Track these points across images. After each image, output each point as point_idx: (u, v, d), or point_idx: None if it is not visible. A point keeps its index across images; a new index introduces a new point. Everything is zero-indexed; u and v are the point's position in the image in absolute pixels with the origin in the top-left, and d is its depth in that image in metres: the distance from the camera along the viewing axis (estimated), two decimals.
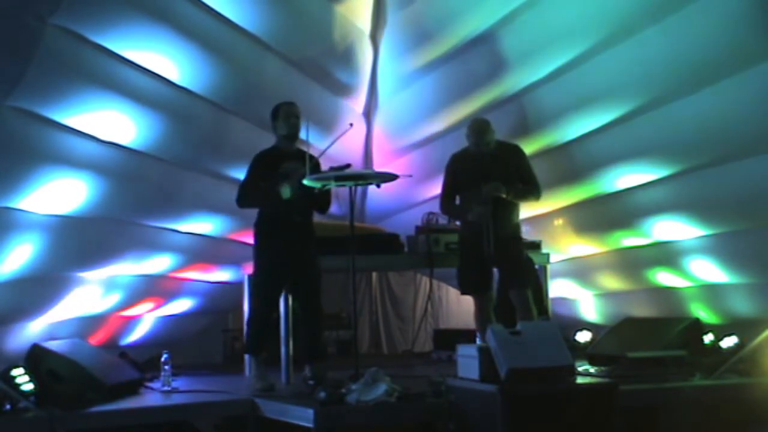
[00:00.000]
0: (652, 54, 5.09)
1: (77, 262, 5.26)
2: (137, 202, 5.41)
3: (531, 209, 6.07)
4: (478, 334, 5.55)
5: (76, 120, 4.67)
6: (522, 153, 5.53)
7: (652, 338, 5.57)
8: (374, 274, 8.61)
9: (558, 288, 6.73)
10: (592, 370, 5.17)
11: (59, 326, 5.36)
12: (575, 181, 6.12)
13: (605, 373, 4.97)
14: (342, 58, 6.65)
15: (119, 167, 5.09)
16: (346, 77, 6.79)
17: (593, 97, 5.61)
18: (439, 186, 5.67)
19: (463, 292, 5.66)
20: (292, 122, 5.18)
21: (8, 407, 4.14)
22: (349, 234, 4.94)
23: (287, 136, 5.20)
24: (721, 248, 5.58)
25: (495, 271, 5.51)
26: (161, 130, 5.22)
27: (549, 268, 6.23)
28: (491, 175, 5.29)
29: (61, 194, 4.79)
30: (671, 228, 5.76)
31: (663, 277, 6.17)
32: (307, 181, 4.84)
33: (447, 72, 6.49)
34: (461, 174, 5.50)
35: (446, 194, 5.58)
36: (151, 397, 4.84)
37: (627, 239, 6.18)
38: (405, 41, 6.74)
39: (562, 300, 6.98)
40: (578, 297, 7.02)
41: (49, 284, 5.14)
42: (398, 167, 6.28)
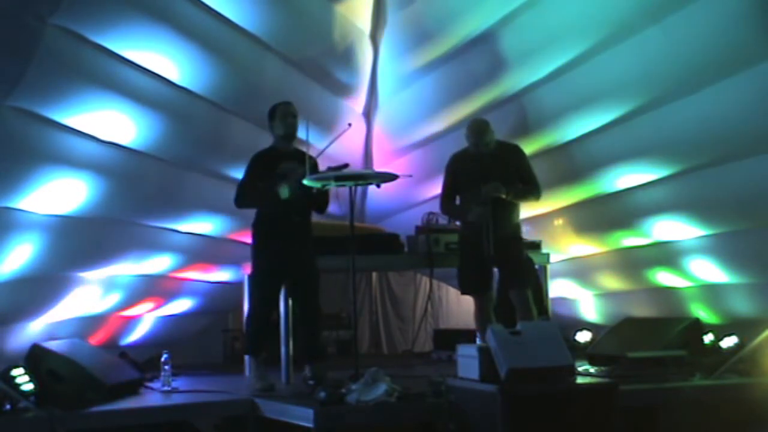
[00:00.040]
0: (652, 54, 5.09)
1: (77, 262, 5.26)
2: (137, 202, 5.41)
3: (531, 209, 6.07)
4: (478, 334, 5.55)
5: (76, 120, 4.67)
6: (522, 153, 5.53)
7: (652, 338, 5.57)
8: (374, 274, 8.60)
9: (558, 288, 6.72)
10: (592, 370, 5.17)
11: (59, 326, 5.36)
12: (575, 181, 6.12)
13: (605, 373, 4.97)
14: (342, 58, 6.65)
15: (119, 167, 5.09)
16: (346, 77, 6.79)
17: (593, 97, 5.61)
18: (439, 186, 5.67)
19: (464, 292, 5.66)
20: (289, 122, 5.17)
21: (8, 407, 4.14)
22: (349, 234, 4.94)
23: (284, 136, 5.19)
24: (721, 248, 5.58)
25: (495, 271, 5.52)
26: (161, 130, 5.22)
27: (549, 268, 6.23)
28: (491, 176, 5.29)
29: (61, 194, 4.78)
30: (671, 228, 5.76)
31: (663, 277, 6.17)
32: (307, 181, 4.84)
33: (447, 72, 6.49)
34: (461, 174, 5.50)
35: (446, 194, 5.58)
36: (151, 397, 4.84)
37: (627, 239, 6.18)
38: (405, 41, 6.74)
39: (562, 300, 6.97)
40: (578, 297, 7.02)
41: (49, 284, 5.14)
42: (398, 167, 6.28)
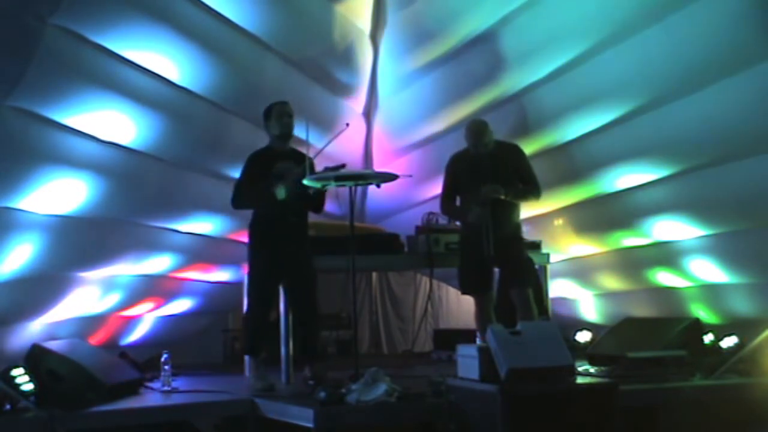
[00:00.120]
0: (653, 54, 5.09)
1: (77, 262, 5.26)
2: (137, 202, 5.41)
3: (531, 209, 6.07)
4: (478, 334, 5.55)
5: (76, 120, 4.67)
6: (521, 153, 5.53)
7: (652, 338, 5.56)
8: (374, 274, 8.60)
9: (558, 288, 6.72)
10: (592, 370, 5.17)
11: (59, 326, 5.36)
12: (575, 181, 6.12)
13: (605, 373, 4.97)
14: (342, 58, 6.65)
15: (119, 167, 5.09)
16: (346, 77, 6.79)
17: (593, 97, 5.61)
18: (439, 186, 5.67)
19: (464, 292, 5.65)
20: (285, 122, 5.17)
21: (8, 407, 4.14)
22: (349, 234, 4.94)
23: (280, 136, 5.19)
24: (721, 248, 5.58)
25: (495, 271, 5.52)
26: (161, 130, 5.22)
27: (549, 268, 6.22)
28: (490, 176, 5.29)
29: (61, 194, 4.78)
30: (671, 228, 5.76)
31: (663, 277, 6.17)
32: (307, 181, 4.84)
33: (447, 72, 6.49)
34: (461, 175, 5.50)
35: (446, 195, 5.58)
36: (151, 397, 4.84)
37: (627, 239, 6.18)
38: (405, 41, 6.74)
39: (562, 300, 6.97)
40: (578, 297, 7.01)
41: (49, 284, 5.14)
42: (398, 167, 6.28)
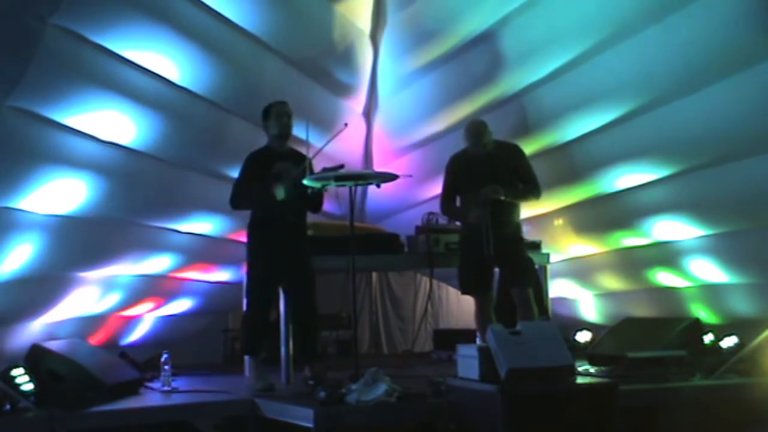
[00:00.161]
0: (653, 54, 5.09)
1: (77, 262, 5.26)
2: (137, 202, 5.41)
3: (531, 209, 6.07)
4: (478, 334, 5.55)
5: (76, 120, 4.67)
6: (521, 152, 5.53)
7: (652, 338, 5.56)
8: (374, 274, 8.60)
9: (558, 288, 6.72)
10: (592, 370, 5.16)
11: (59, 326, 5.35)
12: (575, 181, 6.12)
13: (605, 373, 4.97)
14: (342, 58, 6.65)
15: (119, 167, 5.09)
16: (346, 77, 6.79)
17: (593, 97, 5.61)
18: (439, 186, 5.67)
19: (464, 292, 5.66)
20: (284, 122, 5.16)
21: (8, 407, 4.14)
22: (349, 234, 4.94)
23: (279, 136, 5.18)
24: (721, 248, 5.58)
25: (495, 271, 5.52)
26: (161, 130, 5.22)
27: (549, 268, 6.22)
28: (490, 177, 5.29)
29: (61, 194, 4.78)
30: (671, 228, 5.76)
31: (663, 277, 6.16)
32: (308, 182, 4.84)
33: (447, 72, 6.49)
34: (460, 175, 5.50)
35: (446, 195, 5.58)
36: (151, 397, 4.84)
37: (627, 239, 6.17)
38: (405, 41, 6.74)
39: (562, 300, 6.97)
40: (578, 297, 7.01)
41: (49, 284, 5.13)
42: (398, 167, 6.27)
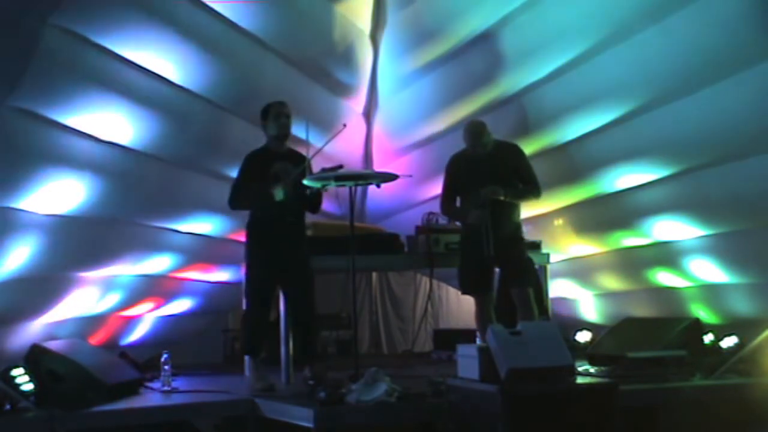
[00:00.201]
0: (652, 54, 5.09)
1: (77, 262, 5.26)
2: (137, 202, 5.41)
3: (531, 209, 6.07)
4: (478, 334, 5.55)
5: (76, 120, 4.67)
6: (521, 152, 5.52)
7: (652, 338, 5.57)
8: (374, 274, 8.60)
9: (558, 288, 6.72)
10: (592, 370, 5.16)
11: (59, 326, 5.36)
12: (575, 181, 6.12)
13: (605, 373, 4.97)
14: (342, 58, 6.65)
15: (119, 167, 5.09)
16: (346, 77, 6.79)
17: (593, 97, 5.61)
18: (439, 186, 5.66)
19: (464, 292, 5.65)
20: (283, 122, 5.15)
21: (8, 407, 4.15)
22: (349, 234, 4.94)
23: (277, 137, 5.17)
24: (721, 248, 5.58)
25: (495, 271, 5.52)
26: (161, 130, 5.22)
27: (549, 268, 6.22)
28: (489, 177, 5.28)
29: (61, 194, 4.78)
30: (671, 228, 5.76)
31: (663, 277, 6.16)
32: (308, 182, 4.84)
33: (447, 72, 6.49)
34: (460, 175, 5.49)
35: (446, 196, 5.57)
36: (151, 397, 4.84)
37: (627, 239, 6.17)
38: (405, 41, 6.74)
39: (562, 300, 6.97)
40: (578, 297, 7.01)
41: (49, 284, 5.14)
42: (398, 167, 6.27)
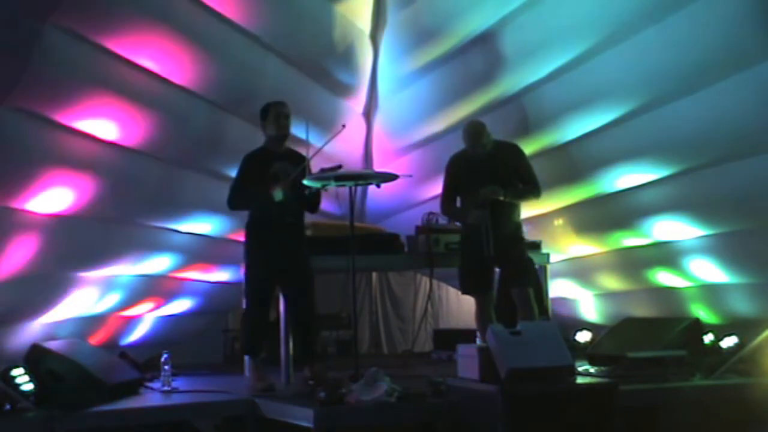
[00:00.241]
0: (652, 54, 5.09)
1: (77, 262, 5.26)
2: (137, 202, 5.41)
3: (531, 209, 6.07)
4: (478, 334, 5.55)
5: (76, 120, 4.67)
6: (520, 152, 5.52)
7: (652, 338, 5.57)
8: (374, 274, 8.60)
9: (558, 288, 6.72)
10: (592, 370, 5.16)
11: (59, 326, 5.36)
12: (575, 181, 6.12)
13: (605, 373, 4.97)
14: (342, 58, 6.65)
15: (119, 167, 5.09)
16: (346, 77, 6.79)
17: (593, 97, 5.61)
18: (439, 186, 5.66)
19: (464, 292, 5.65)
20: (282, 123, 5.14)
21: (8, 407, 4.14)
22: (349, 234, 4.94)
23: (277, 137, 5.16)
24: (721, 248, 5.58)
25: (496, 271, 5.51)
26: (161, 130, 5.21)
27: (549, 268, 6.21)
28: (490, 176, 5.28)
29: (61, 194, 4.78)
30: (671, 228, 5.76)
31: (663, 277, 6.17)
32: (308, 182, 4.84)
33: (447, 72, 6.49)
34: (460, 175, 5.49)
35: (446, 196, 5.57)
36: (151, 397, 4.84)
37: (627, 239, 6.18)
38: (405, 41, 6.74)
39: (562, 300, 6.97)
40: (578, 297, 7.01)
41: (49, 284, 5.13)
42: (398, 167, 6.27)
